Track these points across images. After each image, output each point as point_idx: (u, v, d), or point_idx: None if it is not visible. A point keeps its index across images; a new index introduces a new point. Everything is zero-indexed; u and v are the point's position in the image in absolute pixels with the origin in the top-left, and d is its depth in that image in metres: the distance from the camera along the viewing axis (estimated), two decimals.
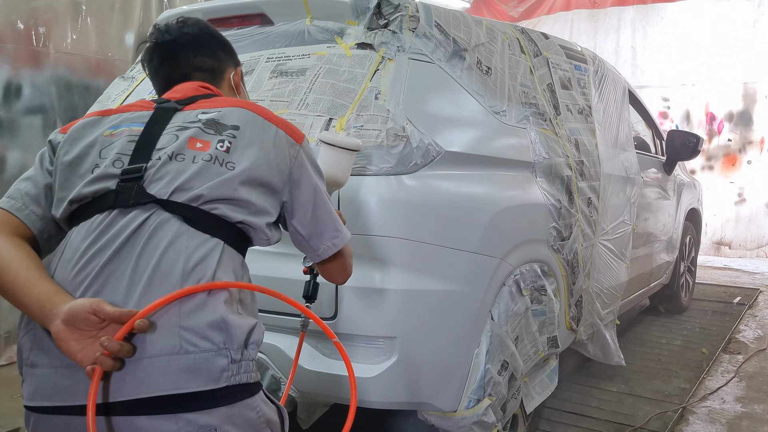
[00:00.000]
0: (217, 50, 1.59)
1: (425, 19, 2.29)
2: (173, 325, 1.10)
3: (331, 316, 2.01)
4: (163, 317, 1.10)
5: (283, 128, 1.34)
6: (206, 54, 1.56)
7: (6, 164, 4.03)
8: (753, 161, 7.65)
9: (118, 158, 1.25)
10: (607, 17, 8.29)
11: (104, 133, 1.30)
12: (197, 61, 1.54)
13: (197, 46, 1.55)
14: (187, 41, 1.54)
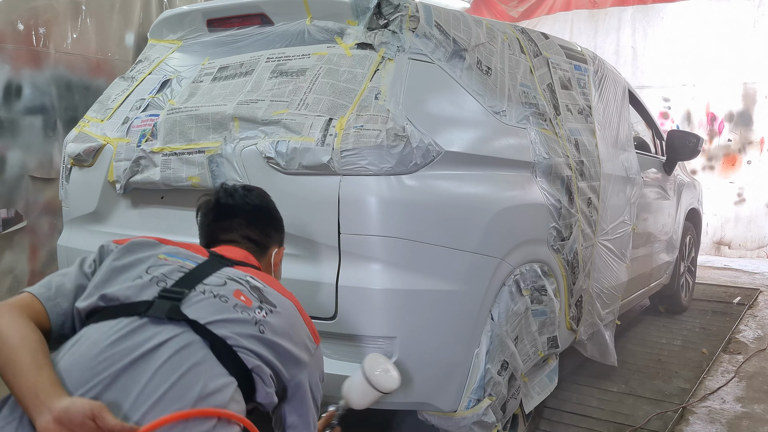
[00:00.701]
0: (270, 228, 1.75)
1: (425, 19, 2.30)
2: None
3: (331, 316, 2.01)
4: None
5: (309, 326, 1.50)
6: (259, 228, 1.71)
7: (6, 164, 4.03)
8: (753, 161, 7.65)
9: (163, 279, 1.34)
10: (607, 17, 8.29)
11: (159, 255, 1.41)
12: (249, 231, 1.69)
13: (253, 219, 1.70)
14: (246, 210, 1.69)
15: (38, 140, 4.17)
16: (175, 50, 2.80)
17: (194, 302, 1.29)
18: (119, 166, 2.45)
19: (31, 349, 1.14)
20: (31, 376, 1.09)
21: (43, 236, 4.22)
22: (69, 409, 1.03)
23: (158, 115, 2.44)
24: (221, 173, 2.17)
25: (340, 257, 2.00)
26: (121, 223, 2.58)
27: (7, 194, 4.05)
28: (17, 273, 4.12)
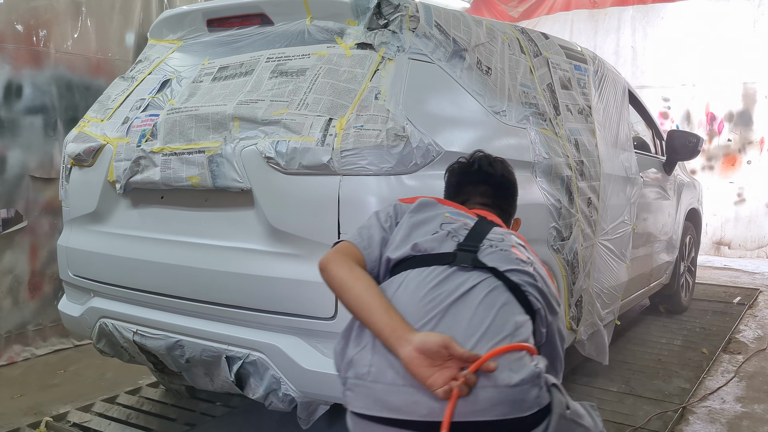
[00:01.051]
0: (515, 199, 1.89)
1: (425, 19, 2.30)
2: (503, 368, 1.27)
3: (331, 316, 2.01)
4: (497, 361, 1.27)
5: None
6: (509, 198, 1.87)
7: (6, 164, 4.03)
8: (753, 161, 7.65)
9: (455, 234, 1.54)
10: (607, 17, 8.29)
11: (445, 214, 1.61)
12: (501, 200, 1.83)
13: (505, 189, 1.85)
14: (500, 181, 1.84)
15: (39, 140, 4.17)
16: (175, 50, 2.81)
17: (487, 254, 1.48)
18: (119, 166, 2.45)
19: (377, 293, 1.39)
20: (384, 316, 1.32)
21: (44, 236, 4.23)
22: (426, 341, 1.25)
23: (158, 115, 2.45)
24: (221, 173, 2.17)
25: None
26: (121, 222, 2.58)
27: (8, 194, 4.05)
28: (17, 273, 4.12)
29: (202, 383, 2.45)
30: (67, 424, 3.08)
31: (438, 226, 1.56)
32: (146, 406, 3.25)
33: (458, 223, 1.58)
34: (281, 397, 2.16)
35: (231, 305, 2.22)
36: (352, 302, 1.39)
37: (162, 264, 2.39)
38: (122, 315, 2.54)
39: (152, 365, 2.62)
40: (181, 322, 2.35)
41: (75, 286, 2.79)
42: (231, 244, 2.23)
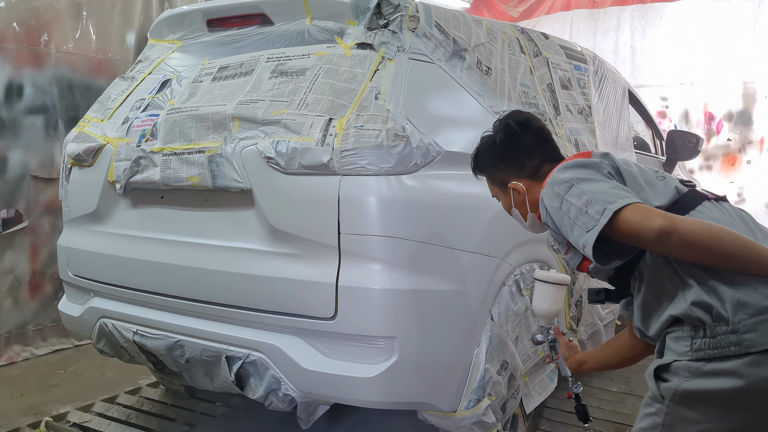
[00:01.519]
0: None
1: (425, 19, 2.30)
2: None
3: (331, 316, 2.01)
4: None
5: None
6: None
7: (8, 164, 4.04)
8: (753, 161, 7.64)
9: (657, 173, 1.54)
10: (606, 17, 8.28)
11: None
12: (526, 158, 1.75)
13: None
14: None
15: (40, 140, 4.18)
16: (175, 50, 2.81)
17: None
18: (119, 166, 2.45)
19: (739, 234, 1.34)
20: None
21: (44, 236, 4.23)
22: None
23: (158, 115, 2.45)
24: (221, 173, 2.17)
25: (340, 257, 2.01)
26: (121, 222, 2.58)
27: (9, 194, 4.05)
28: (18, 273, 4.12)
29: (202, 383, 2.45)
30: (67, 424, 3.09)
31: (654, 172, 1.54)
32: (146, 406, 3.25)
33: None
34: (281, 397, 2.16)
35: (231, 305, 2.22)
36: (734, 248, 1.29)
37: (162, 264, 2.39)
38: (122, 315, 2.54)
39: (152, 365, 2.62)
40: (181, 322, 2.35)
41: (75, 286, 2.79)
42: (231, 244, 2.24)
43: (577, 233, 1.42)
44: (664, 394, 1.39)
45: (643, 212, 1.33)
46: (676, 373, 1.37)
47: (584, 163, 1.50)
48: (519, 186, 1.73)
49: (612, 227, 1.35)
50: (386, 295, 1.99)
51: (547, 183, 1.54)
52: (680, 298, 1.38)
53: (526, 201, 1.73)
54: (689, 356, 1.36)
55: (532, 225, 1.78)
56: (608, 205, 1.36)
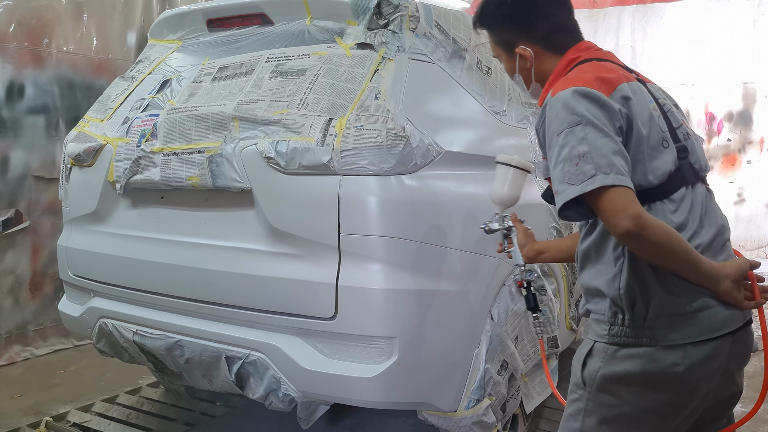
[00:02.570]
0: None
1: (425, 19, 2.30)
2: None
3: (331, 316, 2.01)
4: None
5: None
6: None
7: (9, 164, 4.04)
8: (753, 161, 7.64)
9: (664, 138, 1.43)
10: (606, 17, 8.28)
11: (651, 107, 1.45)
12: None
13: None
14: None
15: (41, 140, 4.18)
16: (175, 50, 2.81)
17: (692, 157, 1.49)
18: (119, 166, 2.45)
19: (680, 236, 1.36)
20: (703, 261, 1.36)
21: (45, 236, 4.23)
22: (740, 269, 1.38)
23: (158, 115, 2.45)
24: (221, 173, 2.17)
25: (340, 257, 2.01)
26: (122, 222, 2.59)
27: (10, 194, 4.05)
28: (19, 273, 4.12)
29: (201, 383, 2.45)
30: (67, 424, 3.09)
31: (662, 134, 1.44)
32: (146, 406, 3.25)
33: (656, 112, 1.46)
34: (281, 397, 2.16)
35: (231, 305, 2.22)
36: (683, 260, 1.34)
37: (162, 264, 2.39)
38: (122, 315, 2.55)
39: (152, 365, 2.62)
40: (181, 322, 2.35)
41: (75, 286, 2.79)
42: (231, 244, 2.24)
43: (558, 176, 1.37)
44: (586, 381, 1.45)
45: (622, 204, 1.29)
46: (596, 354, 1.44)
47: (603, 102, 1.36)
48: (528, 53, 1.58)
49: (588, 195, 1.32)
50: (386, 295, 1.99)
51: (559, 97, 1.39)
52: (615, 280, 1.41)
53: (533, 69, 1.60)
54: (606, 339, 1.42)
55: (534, 93, 1.66)
56: (598, 174, 1.30)
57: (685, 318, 1.37)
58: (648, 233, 1.28)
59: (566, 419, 1.51)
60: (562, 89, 1.40)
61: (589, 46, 1.58)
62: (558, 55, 1.57)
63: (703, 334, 1.36)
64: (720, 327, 1.37)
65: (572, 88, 1.38)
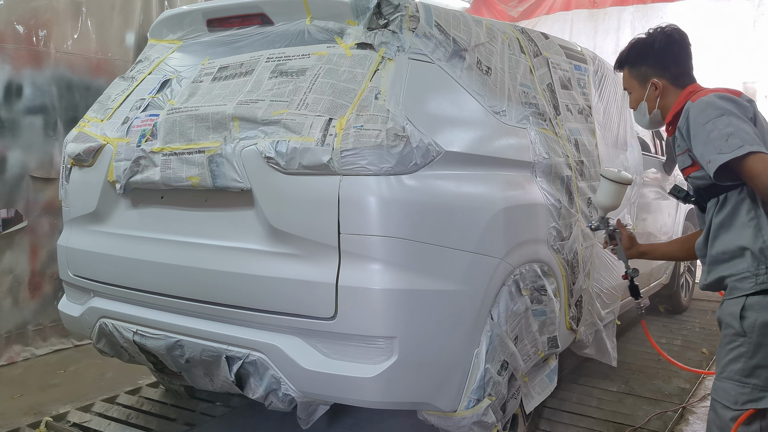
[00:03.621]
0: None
1: (425, 19, 2.30)
2: None
3: (331, 316, 2.01)
4: None
5: None
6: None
7: (7, 164, 4.03)
8: None
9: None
10: (606, 17, 8.28)
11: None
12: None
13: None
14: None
15: (39, 140, 4.17)
16: (175, 50, 2.81)
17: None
18: (119, 166, 2.45)
19: None
20: None
21: (44, 236, 4.23)
22: None
23: (158, 115, 2.45)
24: (221, 173, 2.17)
25: (340, 257, 2.00)
26: (121, 222, 2.58)
27: (8, 194, 4.05)
28: (18, 273, 4.12)
29: (202, 383, 2.45)
30: (67, 424, 3.09)
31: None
32: (146, 406, 3.25)
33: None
34: (281, 397, 2.16)
35: (231, 305, 2.22)
36: None
37: (162, 264, 2.39)
38: (122, 315, 2.54)
39: (152, 365, 2.62)
40: (181, 322, 2.35)
41: (75, 286, 2.79)
42: (231, 244, 2.24)
43: (709, 150, 1.73)
44: (746, 329, 1.77)
45: (765, 164, 1.64)
46: (750, 308, 1.76)
47: (737, 101, 1.78)
48: (659, 84, 2.02)
49: (737, 162, 1.67)
50: (386, 295, 1.99)
51: (702, 101, 1.80)
52: (758, 236, 1.76)
53: (657, 99, 2.04)
54: (756, 289, 1.75)
55: (653, 121, 2.10)
56: (745, 144, 1.67)
57: None
58: None
59: (729, 363, 1.82)
60: (703, 96, 1.82)
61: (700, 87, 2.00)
62: (679, 89, 2.01)
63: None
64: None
65: (712, 93, 1.81)
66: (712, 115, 1.76)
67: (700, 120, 1.78)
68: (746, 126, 1.71)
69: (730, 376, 1.82)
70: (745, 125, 1.71)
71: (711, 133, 1.74)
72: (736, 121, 1.72)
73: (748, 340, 1.77)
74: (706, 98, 1.80)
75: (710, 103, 1.78)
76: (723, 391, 1.85)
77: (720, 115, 1.75)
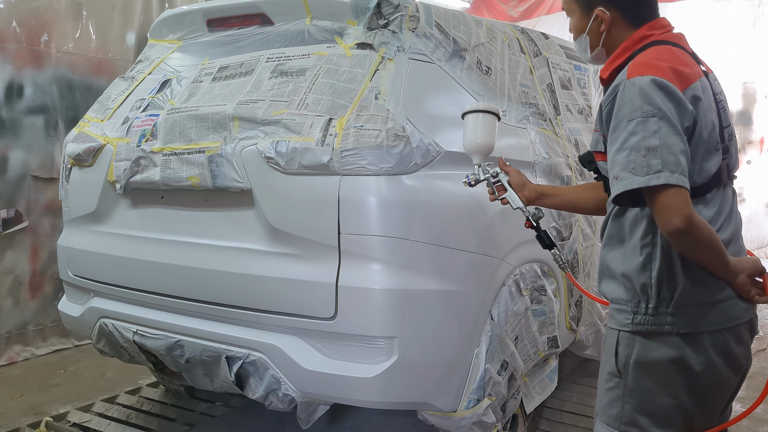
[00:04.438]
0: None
1: (425, 19, 2.30)
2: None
3: (331, 316, 2.01)
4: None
5: None
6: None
7: (8, 164, 4.04)
8: (752, 161, 7.64)
9: (718, 141, 1.49)
10: None
11: (713, 108, 1.49)
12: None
13: None
14: None
15: (40, 140, 4.18)
16: (175, 50, 2.81)
17: (731, 158, 1.57)
18: (119, 166, 2.45)
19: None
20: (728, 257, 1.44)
21: (45, 236, 4.23)
22: (756, 266, 1.47)
23: (158, 115, 2.45)
24: (221, 173, 2.17)
25: (340, 257, 2.01)
26: (122, 222, 2.58)
27: (9, 194, 4.05)
28: (18, 273, 4.12)
29: (202, 383, 2.45)
30: (67, 424, 3.09)
31: (717, 142, 1.49)
32: (146, 406, 3.25)
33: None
34: (281, 397, 2.16)
35: (231, 305, 2.22)
36: (715, 258, 1.43)
37: (162, 264, 2.39)
38: (122, 315, 2.55)
39: (152, 365, 2.62)
40: (181, 322, 2.35)
41: (75, 286, 2.79)
42: (231, 244, 2.24)
43: (620, 161, 1.39)
44: (620, 369, 1.53)
45: (678, 204, 1.35)
46: (622, 343, 1.52)
47: (679, 99, 1.39)
48: (606, 16, 1.59)
49: (647, 189, 1.37)
50: (386, 295, 1.99)
51: (638, 83, 1.40)
52: (645, 268, 1.48)
53: (604, 34, 1.61)
54: (629, 328, 1.50)
55: (597, 58, 1.68)
56: (665, 170, 1.34)
57: (706, 308, 1.46)
58: (696, 232, 1.36)
59: (605, 408, 1.57)
60: (639, 75, 1.40)
61: (664, 24, 1.58)
62: (632, 26, 1.57)
63: (722, 322, 1.47)
64: (737, 317, 1.48)
65: (651, 77, 1.39)
66: (640, 111, 1.37)
67: (625, 111, 1.40)
68: (676, 140, 1.36)
69: (609, 422, 1.55)
70: (675, 138, 1.36)
71: (631, 137, 1.38)
72: (666, 130, 1.36)
73: (623, 381, 1.52)
74: (642, 81, 1.39)
75: (643, 91, 1.38)
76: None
77: (650, 115, 1.36)
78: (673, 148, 1.35)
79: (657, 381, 1.49)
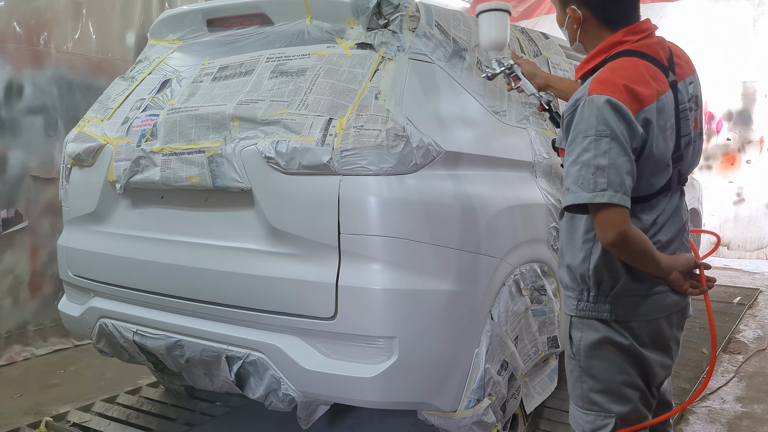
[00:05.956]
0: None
1: (425, 19, 2.30)
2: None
3: (331, 316, 2.01)
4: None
5: None
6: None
7: (7, 164, 4.04)
8: (752, 161, 7.65)
9: (670, 159, 1.61)
10: None
11: (669, 124, 1.58)
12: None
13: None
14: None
15: (39, 140, 4.17)
16: (175, 50, 2.81)
17: (684, 164, 1.71)
18: (119, 166, 2.45)
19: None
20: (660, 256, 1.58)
21: (44, 236, 4.23)
22: (689, 262, 1.62)
23: (158, 115, 2.45)
24: (221, 173, 2.17)
25: (340, 257, 2.01)
26: (121, 222, 2.58)
27: (9, 194, 4.05)
28: (18, 273, 4.12)
29: (202, 383, 2.45)
30: (67, 424, 3.09)
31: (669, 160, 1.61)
32: (146, 406, 3.25)
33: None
34: (281, 397, 2.16)
35: (231, 305, 2.22)
36: (649, 264, 1.57)
37: (162, 264, 2.39)
38: (122, 315, 2.55)
39: (152, 365, 2.62)
40: (181, 322, 2.35)
41: (75, 286, 2.79)
42: (231, 244, 2.24)
43: (573, 174, 1.51)
44: (574, 352, 1.71)
45: (616, 221, 1.48)
46: (574, 327, 1.71)
47: (630, 121, 1.48)
48: (577, 15, 1.64)
49: (591, 204, 1.50)
50: (386, 295, 1.99)
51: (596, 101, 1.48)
52: (585, 261, 1.65)
53: (579, 31, 1.67)
54: (574, 313, 1.69)
55: (577, 50, 1.77)
56: (609, 189, 1.47)
57: (642, 299, 1.63)
58: (629, 245, 1.51)
59: (571, 389, 1.78)
60: (598, 93, 1.49)
61: (643, 29, 1.62)
62: (608, 29, 1.63)
63: (655, 312, 1.64)
64: (669, 307, 1.65)
65: (607, 97, 1.48)
66: (594, 129, 1.47)
67: (581, 127, 1.50)
68: (623, 160, 1.46)
69: (576, 402, 1.76)
70: (623, 159, 1.46)
71: (584, 153, 1.48)
72: (615, 151, 1.46)
73: (578, 363, 1.71)
74: (599, 101, 1.47)
75: (599, 111, 1.47)
76: (573, 419, 1.81)
77: (603, 135, 1.46)
78: (620, 169, 1.47)
79: (603, 360, 1.66)
